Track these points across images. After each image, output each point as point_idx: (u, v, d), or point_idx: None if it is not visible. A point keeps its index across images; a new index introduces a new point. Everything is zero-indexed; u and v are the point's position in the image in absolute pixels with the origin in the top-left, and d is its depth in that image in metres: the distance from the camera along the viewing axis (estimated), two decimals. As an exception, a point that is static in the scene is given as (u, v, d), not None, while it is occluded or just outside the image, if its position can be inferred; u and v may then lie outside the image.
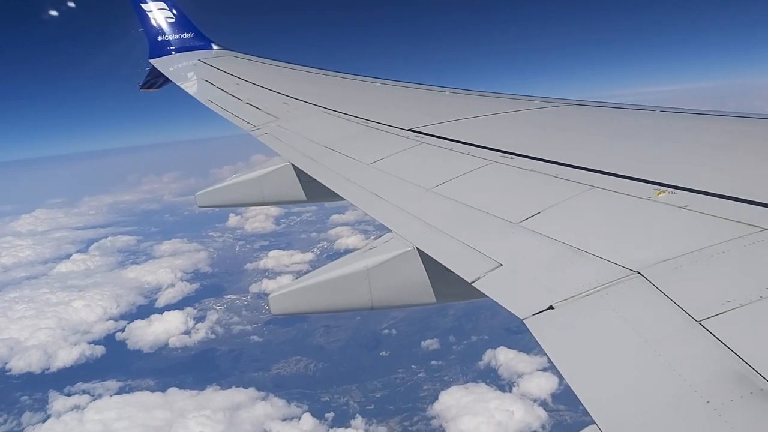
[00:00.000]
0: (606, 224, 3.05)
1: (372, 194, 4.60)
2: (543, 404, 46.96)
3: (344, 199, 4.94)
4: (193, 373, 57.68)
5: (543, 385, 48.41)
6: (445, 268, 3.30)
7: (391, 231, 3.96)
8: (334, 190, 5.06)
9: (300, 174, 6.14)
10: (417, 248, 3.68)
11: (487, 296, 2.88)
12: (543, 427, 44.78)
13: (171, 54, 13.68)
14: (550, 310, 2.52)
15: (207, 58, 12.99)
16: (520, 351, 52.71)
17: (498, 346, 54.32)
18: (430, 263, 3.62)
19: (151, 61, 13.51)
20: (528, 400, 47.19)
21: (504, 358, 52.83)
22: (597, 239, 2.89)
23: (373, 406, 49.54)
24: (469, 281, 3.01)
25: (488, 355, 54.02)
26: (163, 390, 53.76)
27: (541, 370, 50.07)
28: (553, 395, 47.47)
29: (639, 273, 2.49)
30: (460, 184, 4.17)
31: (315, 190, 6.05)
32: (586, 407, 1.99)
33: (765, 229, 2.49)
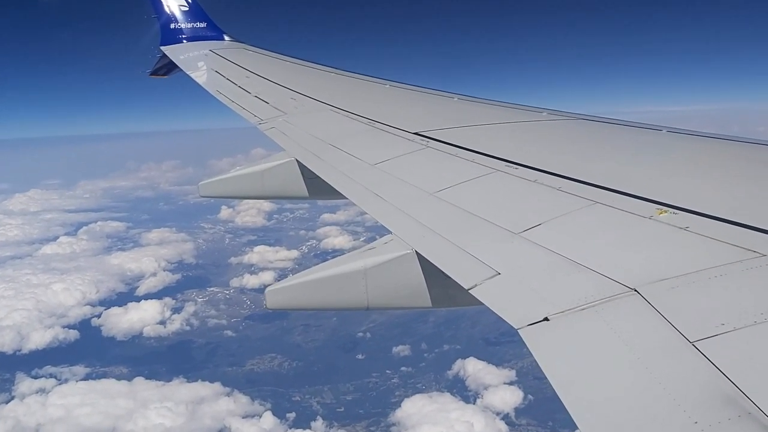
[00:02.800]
0: (606, 240, 3.06)
1: (374, 195, 4.61)
2: (505, 418, 46.60)
3: (346, 198, 4.95)
4: (167, 363, 57.17)
5: (507, 398, 48.14)
6: (443, 273, 3.31)
7: (391, 233, 3.97)
8: (337, 189, 5.07)
9: (304, 170, 6.15)
10: (416, 252, 3.69)
11: (482, 304, 2.89)
12: None
13: (182, 42, 13.70)
14: (545, 321, 2.52)
15: (218, 48, 13.01)
16: (489, 363, 52.40)
17: (468, 357, 53.93)
18: (428, 267, 3.63)
19: (162, 48, 13.53)
20: (490, 413, 46.78)
21: (473, 369, 52.40)
22: (596, 254, 2.90)
23: (342, 409, 49.16)
24: (466, 288, 3.02)
25: (458, 364, 53.60)
26: (134, 378, 53.39)
27: (507, 384, 49.87)
28: (517, 409, 47.26)
29: (636, 290, 2.50)
30: (463, 191, 4.18)
31: (317, 188, 6.07)
32: (574, 420, 2.00)
33: (764, 255, 2.50)
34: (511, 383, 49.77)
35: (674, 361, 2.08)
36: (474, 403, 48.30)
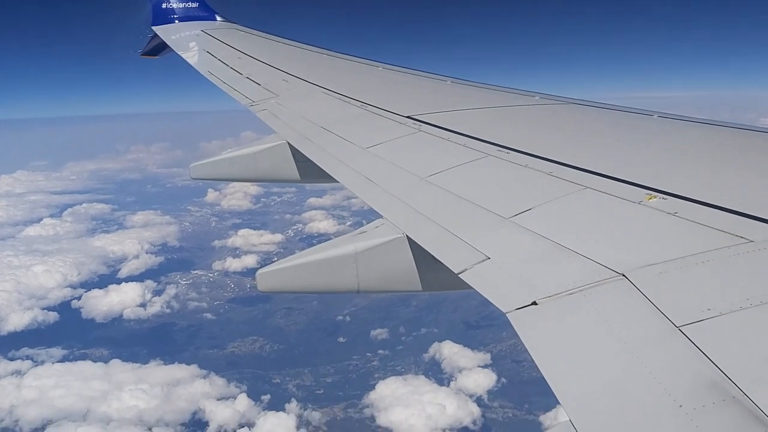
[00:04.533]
0: (595, 225, 3.07)
1: (366, 179, 4.61)
2: (478, 400, 46.88)
3: (337, 182, 4.94)
4: (148, 346, 56.96)
5: (481, 381, 48.45)
6: (433, 257, 3.32)
7: (380, 217, 3.97)
8: (329, 172, 5.06)
9: (295, 153, 6.13)
10: (407, 236, 3.70)
11: (472, 288, 2.90)
12: (474, 422, 44.68)
13: (174, 22, 13.56)
14: (534, 305, 2.54)
15: (210, 29, 12.89)
16: (465, 346, 52.67)
17: (444, 340, 54.16)
18: (418, 252, 3.64)
19: (153, 28, 13.41)
20: (464, 396, 47.04)
21: (448, 352, 52.61)
22: (585, 239, 2.91)
23: (322, 391, 49.19)
24: (455, 272, 3.03)
25: (434, 348, 53.79)
26: (117, 360, 53.26)
27: (482, 367, 50.20)
28: (490, 392, 47.63)
29: (624, 276, 2.51)
30: (454, 175, 4.18)
31: (309, 171, 6.05)
32: (561, 403, 2.01)
33: (751, 241, 2.52)
34: (485, 366, 50.20)
35: (660, 345, 2.09)
36: (448, 386, 48.52)
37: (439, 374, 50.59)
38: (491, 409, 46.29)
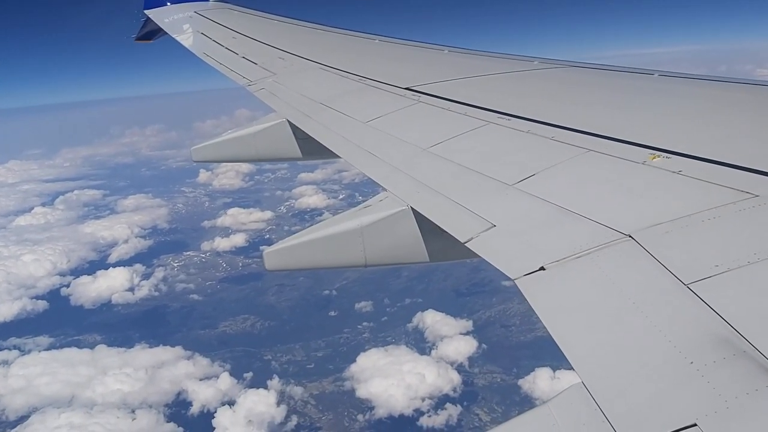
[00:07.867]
0: (600, 188, 3.07)
1: (368, 153, 4.60)
2: (459, 367, 46.62)
3: (339, 157, 4.93)
4: (140, 329, 56.75)
5: (461, 348, 48.26)
6: (439, 228, 3.32)
7: (379, 191, 3.98)
8: (330, 148, 5.05)
9: (296, 131, 6.11)
10: (411, 207, 3.70)
11: (479, 256, 2.91)
12: (454, 390, 44.48)
13: (166, 5, 13.43)
14: (542, 271, 2.55)
15: (203, 10, 12.76)
16: (447, 314, 52.38)
17: (428, 309, 53.87)
18: (424, 223, 3.64)
19: (146, 11, 13.28)
20: (444, 364, 46.81)
21: (431, 321, 52.42)
22: (590, 202, 2.91)
23: (313, 365, 49.19)
24: (462, 241, 3.03)
25: (418, 317, 53.59)
26: (103, 345, 53.26)
27: (463, 334, 50.04)
28: (471, 358, 47.45)
29: (630, 236, 2.51)
30: (456, 145, 4.16)
31: (310, 148, 6.03)
32: (572, 365, 2.03)
33: (756, 196, 2.51)
34: (467, 333, 50.05)
35: (670, 303, 2.10)
36: (429, 355, 48.32)
37: (422, 343, 50.46)
38: (474, 375, 46.22)
